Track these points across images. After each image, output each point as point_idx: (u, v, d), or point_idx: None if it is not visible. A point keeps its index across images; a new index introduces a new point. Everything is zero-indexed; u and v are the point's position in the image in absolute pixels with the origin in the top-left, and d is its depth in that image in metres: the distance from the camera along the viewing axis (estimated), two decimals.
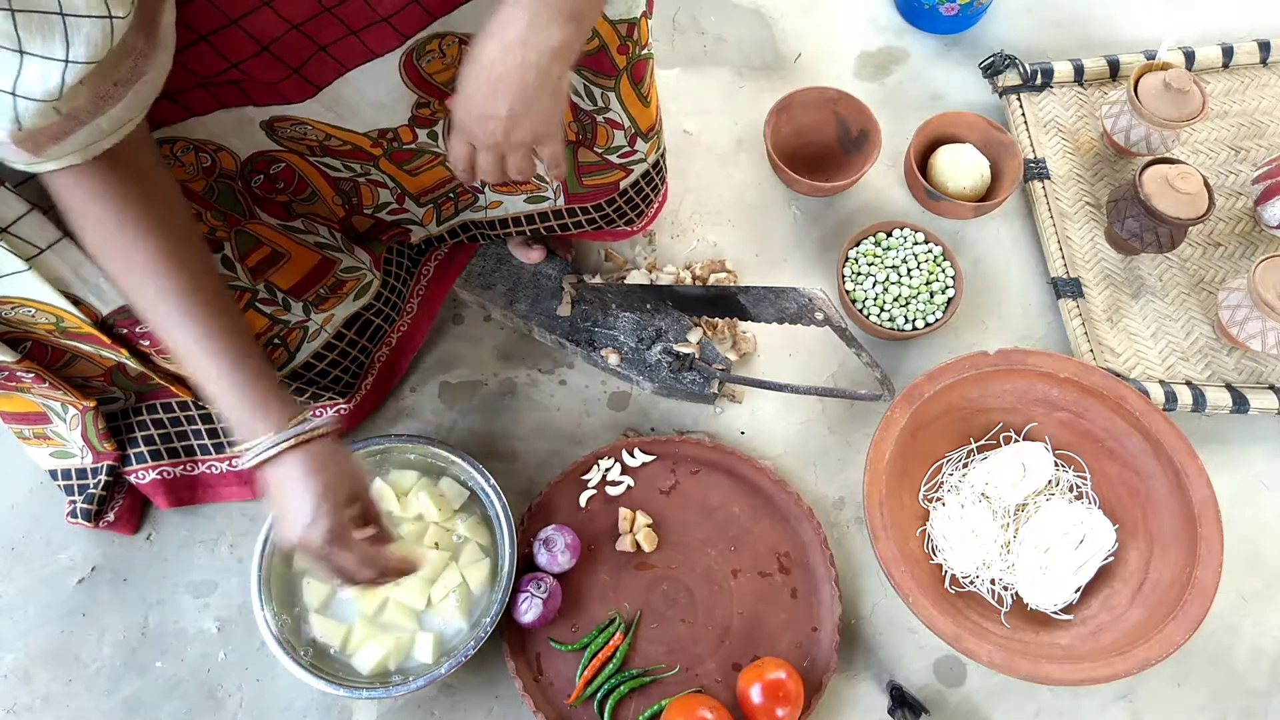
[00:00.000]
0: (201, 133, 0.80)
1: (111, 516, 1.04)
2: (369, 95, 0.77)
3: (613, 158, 0.94)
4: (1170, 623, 0.92)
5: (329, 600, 0.98)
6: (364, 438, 1.04)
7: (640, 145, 0.93)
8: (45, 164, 0.63)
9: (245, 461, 0.74)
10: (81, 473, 1.04)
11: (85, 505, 1.02)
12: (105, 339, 0.78)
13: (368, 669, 0.94)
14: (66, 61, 0.55)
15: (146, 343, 0.80)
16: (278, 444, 0.73)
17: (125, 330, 0.78)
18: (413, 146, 0.87)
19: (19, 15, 0.52)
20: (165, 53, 0.62)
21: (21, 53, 0.54)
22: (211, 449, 1.06)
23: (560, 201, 1.01)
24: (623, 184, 0.98)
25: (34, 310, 0.75)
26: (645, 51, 0.82)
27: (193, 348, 0.72)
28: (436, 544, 1.00)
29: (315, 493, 0.73)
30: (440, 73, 0.78)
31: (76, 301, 0.74)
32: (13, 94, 0.55)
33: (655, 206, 1.09)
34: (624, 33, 0.78)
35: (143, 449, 1.03)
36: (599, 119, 0.87)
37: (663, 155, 1.01)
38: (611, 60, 0.80)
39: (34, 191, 0.69)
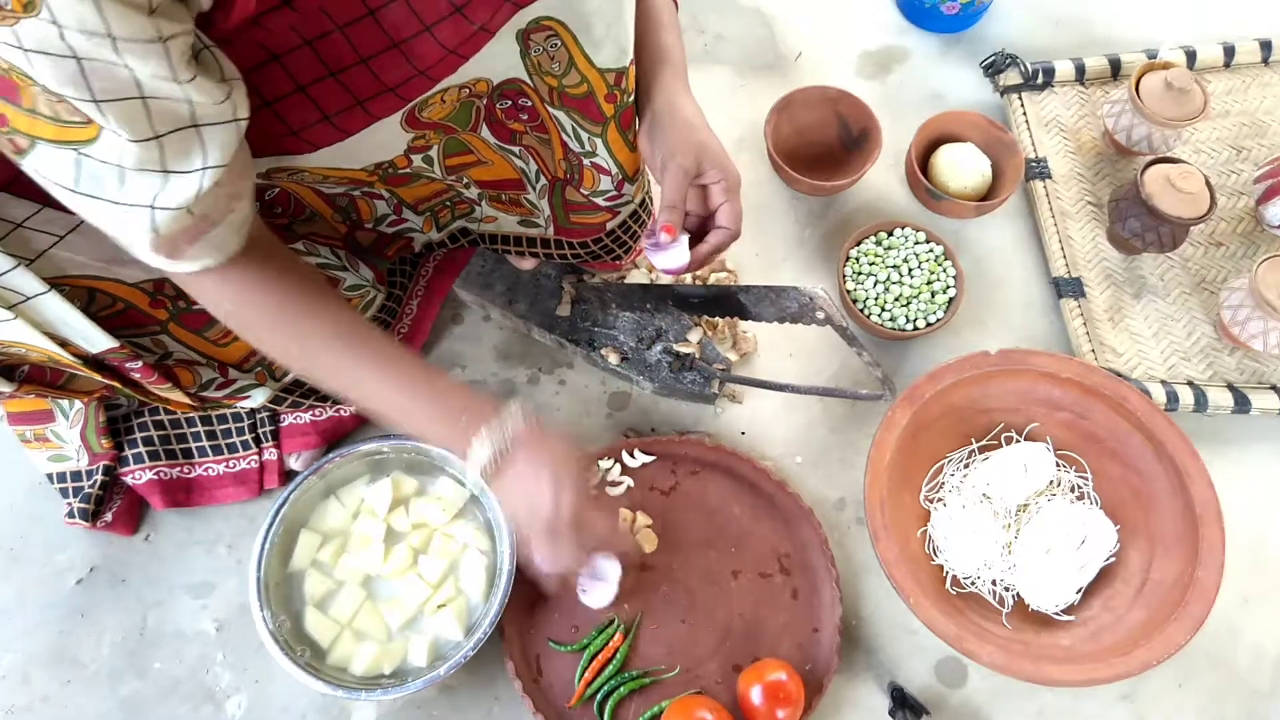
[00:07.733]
0: None
1: (109, 517, 1.04)
2: (368, 143, 0.77)
3: (599, 200, 0.94)
4: (1172, 623, 0.92)
5: (325, 599, 0.98)
6: (364, 438, 1.04)
7: (627, 188, 0.93)
8: (184, 265, 0.65)
9: (472, 468, 0.75)
10: (77, 475, 1.04)
11: (82, 505, 1.01)
12: (96, 374, 0.78)
13: (360, 670, 0.94)
14: (204, 169, 0.58)
15: (139, 375, 0.80)
16: (499, 443, 0.74)
17: (116, 364, 0.78)
18: (408, 171, 0.87)
19: (165, 141, 0.56)
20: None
21: (166, 173, 0.58)
22: (209, 451, 1.06)
23: (550, 231, 1.01)
24: (609, 225, 0.99)
25: (25, 350, 0.76)
26: (631, 99, 0.82)
27: (383, 392, 0.75)
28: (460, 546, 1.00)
29: (552, 474, 0.75)
30: (437, 114, 0.78)
31: (64, 344, 0.74)
32: (151, 207, 0.58)
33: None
34: (612, 81, 0.77)
35: (141, 449, 1.03)
36: (585, 162, 0.87)
37: (649, 193, 1.01)
38: (599, 107, 0.79)
39: (20, 244, 0.69)
